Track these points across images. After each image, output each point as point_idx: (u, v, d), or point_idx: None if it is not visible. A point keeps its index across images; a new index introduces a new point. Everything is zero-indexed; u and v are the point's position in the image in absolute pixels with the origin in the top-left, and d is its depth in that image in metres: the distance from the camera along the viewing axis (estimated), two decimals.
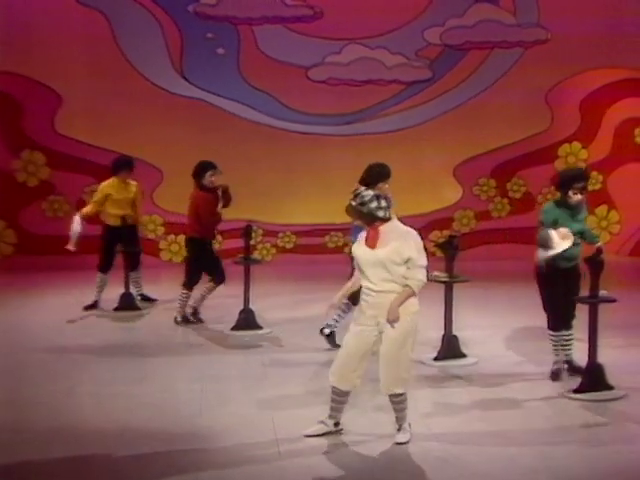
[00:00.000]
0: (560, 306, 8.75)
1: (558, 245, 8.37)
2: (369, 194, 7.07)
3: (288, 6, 17.12)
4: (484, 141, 17.52)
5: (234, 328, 11.26)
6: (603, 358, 8.51)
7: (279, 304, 12.76)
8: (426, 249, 7.14)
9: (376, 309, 6.97)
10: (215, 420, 7.73)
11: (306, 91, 17.17)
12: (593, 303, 8.41)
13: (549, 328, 8.96)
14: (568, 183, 8.72)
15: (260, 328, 11.31)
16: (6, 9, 16.28)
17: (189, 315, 11.73)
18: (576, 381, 8.55)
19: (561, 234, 8.41)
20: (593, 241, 8.86)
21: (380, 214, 7.01)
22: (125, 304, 12.51)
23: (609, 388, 8.39)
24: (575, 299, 8.62)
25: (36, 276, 15.27)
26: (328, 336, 10.14)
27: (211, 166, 11.56)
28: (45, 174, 16.76)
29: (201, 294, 11.73)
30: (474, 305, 12.17)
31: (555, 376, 8.90)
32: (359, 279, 7.19)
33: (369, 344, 7.04)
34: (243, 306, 11.36)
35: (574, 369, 8.91)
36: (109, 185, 12.77)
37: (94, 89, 16.60)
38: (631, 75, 17.40)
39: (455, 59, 17.54)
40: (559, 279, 8.67)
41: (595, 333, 8.39)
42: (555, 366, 8.99)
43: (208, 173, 11.48)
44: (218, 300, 12.93)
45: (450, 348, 9.72)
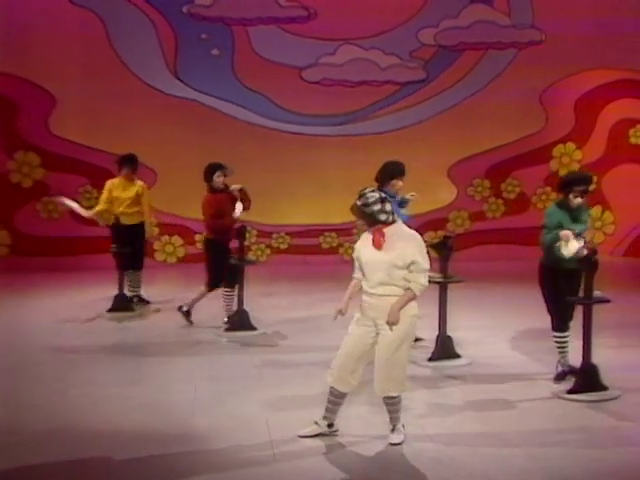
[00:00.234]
0: (563, 307, 8.75)
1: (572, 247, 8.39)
2: (374, 196, 6.98)
3: (282, 7, 17.13)
4: (478, 142, 17.55)
5: (228, 329, 11.24)
6: (597, 358, 8.51)
7: (273, 305, 12.75)
8: (429, 253, 7.13)
9: (375, 311, 6.96)
10: (209, 421, 7.72)
11: (300, 92, 17.18)
12: (587, 304, 8.41)
13: (553, 329, 8.96)
14: (569, 186, 8.72)
15: (254, 329, 11.29)
16: (0, 11, 16.27)
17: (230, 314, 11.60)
18: (570, 382, 8.56)
19: (564, 237, 8.42)
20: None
21: (382, 217, 6.96)
22: (119, 305, 12.46)
23: (603, 388, 8.40)
24: (569, 300, 8.62)
25: (30, 277, 15.26)
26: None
27: (218, 167, 11.47)
28: (39, 175, 16.75)
29: (193, 297, 11.69)
30: (468, 306, 12.17)
31: (560, 378, 8.87)
32: (356, 284, 7.17)
33: (367, 345, 7.03)
34: (237, 307, 11.35)
35: (569, 370, 8.92)
36: (112, 183, 12.76)
37: (88, 90, 16.60)
38: (625, 76, 17.42)
39: (449, 60, 17.56)
40: (562, 280, 8.66)
41: (589, 334, 8.39)
42: (560, 368, 8.98)
43: (215, 174, 11.41)
44: (212, 301, 12.92)
45: (444, 349, 9.72)
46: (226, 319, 11.50)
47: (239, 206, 11.44)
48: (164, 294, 13.80)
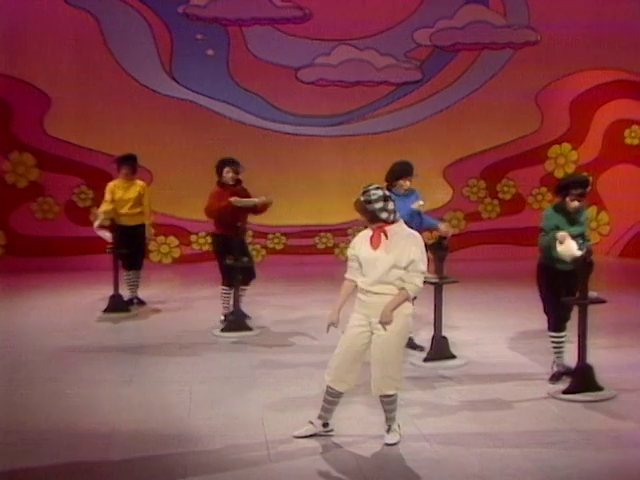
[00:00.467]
0: (561, 307, 8.74)
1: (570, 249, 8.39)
2: (377, 194, 6.94)
3: (278, 7, 17.12)
4: (474, 142, 17.56)
5: (224, 329, 11.23)
6: (592, 359, 8.51)
7: (269, 305, 12.74)
8: (427, 256, 7.11)
9: (369, 309, 6.95)
10: (205, 421, 7.71)
11: (296, 92, 17.17)
12: (583, 304, 8.41)
13: (550, 330, 8.95)
14: (566, 189, 8.70)
15: (250, 329, 11.28)
16: None
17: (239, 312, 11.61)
18: (566, 382, 8.56)
19: (561, 238, 8.41)
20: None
21: (383, 216, 6.93)
22: (114, 306, 12.43)
23: (599, 389, 8.39)
24: (565, 300, 8.62)
25: (25, 278, 15.24)
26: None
27: (227, 163, 11.38)
28: (34, 175, 16.73)
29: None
30: (464, 306, 12.18)
31: (556, 378, 8.87)
32: (347, 287, 7.16)
33: (363, 345, 7.02)
34: (233, 307, 11.33)
35: (565, 370, 8.92)
36: (113, 184, 12.74)
37: (83, 90, 16.60)
38: (621, 76, 17.43)
39: (445, 60, 17.56)
40: (560, 280, 8.66)
41: (585, 334, 8.39)
42: (557, 368, 8.97)
43: (225, 170, 11.35)
44: (207, 301, 12.94)
45: (440, 349, 9.71)
46: (222, 317, 11.51)
47: (254, 199, 11.32)
48: (160, 295, 13.79)
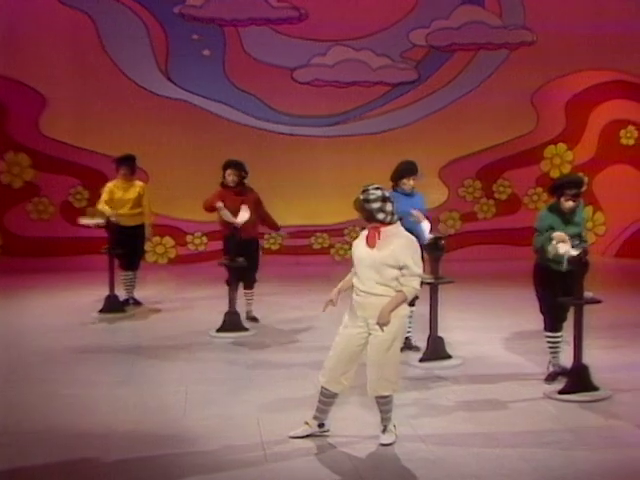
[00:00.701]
0: (557, 308, 8.74)
1: (562, 248, 8.38)
2: (376, 194, 6.93)
3: (274, 8, 17.13)
4: (470, 142, 17.57)
5: (219, 330, 11.22)
6: (588, 359, 8.51)
7: (264, 306, 12.72)
8: (423, 258, 7.10)
9: (365, 310, 6.94)
10: (201, 422, 7.69)
11: (291, 93, 17.18)
12: (578, 304, 8.41)
13: (546, 330, 8.95)
14: (560, 189, 8.69)
15: (245, 330, 11.28)
16: None
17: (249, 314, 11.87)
18: (562, 382, 8.57)
19: (558, 238, 8.41)
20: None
21: (379, 216, 6.92)
22: (110, 306, 12.41)
23: (594, 389, 8.40)
24: (561, 300, 8.62)
25: (21, 278, 15.22)
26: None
27: (230, 165, 11.60)
28: (30, 176, 16.71)
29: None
30: (459, 306, 12.18)
31: (551, 378, 8.87)
32: (351, 278, 7.15)
33: (359, 346, 7.01)
34: (229, 308, 11.33)
35: (561, 370, 8.92)
36: (113, 185, 12.73)
37: (79, 90, 16.59)
38: (616, 77, 17.46)
39: (441, 61, 17.58)
40: (556, 280, 8.65)
41: (580, 334, 8.38)
42: (552, 368, 8.97)
43: (227, 172, 11.54)
44: (203, 302, 12.93)
45: (435, 349, 9.71)
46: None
47: (244, 214, 11.36)
48: (155, 295, 13.78)
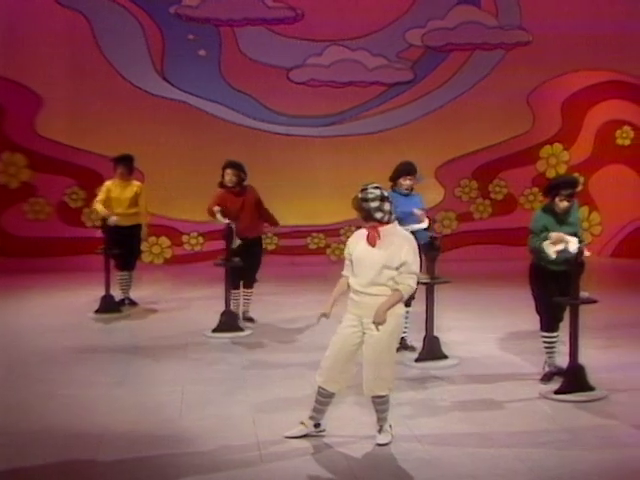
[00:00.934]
0: (553, 307, 8.75)
1: (552, 250, 8.38)
2: (374, 193, 6.93)
3: (269, 8, 17.13)
4: (466, 143, 17.58)
5: (215, 330, 11.21)
6: (584, 359, 8.52)
7: (260, 306, 12.71)
8: (420, 258, 7.10)
9: (362, 309, 6.93)
10: (196, 422, 7.69)
11: (287, 93, 17.17)
12: (574, 304, 8.42)
13: (542, 330, 8.96)
14: (555, 190, 8.69)
15: (241, 330, 11.28)
16: None
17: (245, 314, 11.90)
18: (558, 382, 8.57)
19: (554, 239, 8.41)
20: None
21: (377, 215, 6.91)
22: (106, 306, 12.40)
23: (590, 389, 8.40)
24: (556, 300, 8.62)
25: (17, 278, 15.20)
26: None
27: (229, 165, 11.60)
28: (26, 176, 16.70)
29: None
30: (455, 306, 12.19)
31: (547, 378, 8.87)
32: (343, 283, 7.15)
33: (355, 345, 7.00)
34: (224, 308, 11.32)
35: (557, 370, 8.92)
36: (111, 184, 12.72)
37: (75, 91, 16.58)
38: (612, 77, 17.47)
39: (437, 61, 17.59)
40: (552, 281, 8.66)
41: (576, 334, 8.40)
42: (548, 368, 8.98)
43: (225, 172, 11.55)
44: (199, 302, 12.93)
45: (431, 349, 9.71)
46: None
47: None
48: (151, 295, 13.78)
